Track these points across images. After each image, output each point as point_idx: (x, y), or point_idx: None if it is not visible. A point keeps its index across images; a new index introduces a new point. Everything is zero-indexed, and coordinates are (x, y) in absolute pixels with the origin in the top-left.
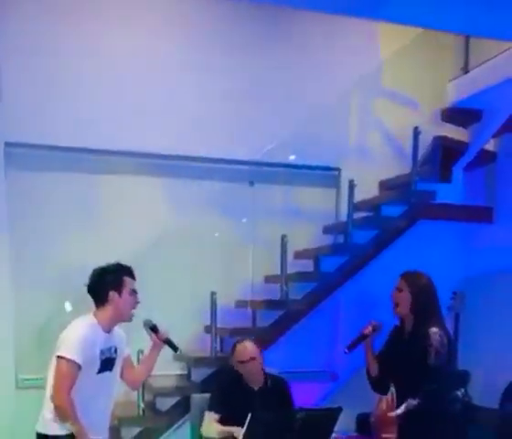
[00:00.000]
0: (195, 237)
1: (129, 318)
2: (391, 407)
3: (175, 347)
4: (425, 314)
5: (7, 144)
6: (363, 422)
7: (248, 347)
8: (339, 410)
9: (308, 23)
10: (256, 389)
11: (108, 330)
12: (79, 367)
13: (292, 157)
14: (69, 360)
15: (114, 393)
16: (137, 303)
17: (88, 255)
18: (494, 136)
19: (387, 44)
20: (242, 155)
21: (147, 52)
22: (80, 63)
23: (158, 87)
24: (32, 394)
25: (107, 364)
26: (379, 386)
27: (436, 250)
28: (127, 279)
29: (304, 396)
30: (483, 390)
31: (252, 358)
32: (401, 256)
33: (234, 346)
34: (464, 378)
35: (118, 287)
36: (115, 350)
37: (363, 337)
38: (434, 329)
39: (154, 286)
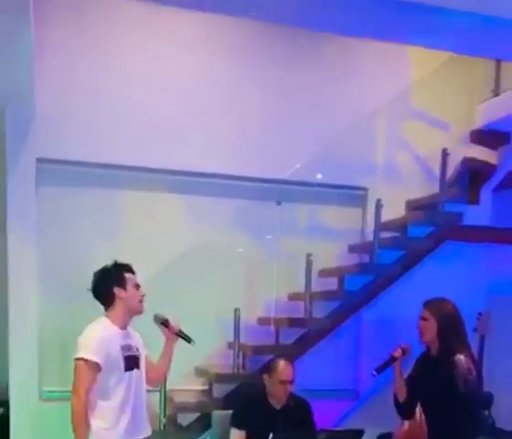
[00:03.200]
0: (220, 254)
1: (140, 310)
2: (417, 425)
3: (188, 339)
4: (451, 340)
5: (39, 160)
6: None
7: (291, 370)
8: (361, 432)
9: (338, 42)
10: (278, 408)
11: (123, 327)
12: (97, 366)
13: (319, 176)
14: (85, 360)
15: (145, 392)
16: (143, 295)
17: None
18: None
19: (418, 65)
20: (270, 173)
21: (174, 68)
22: (108, 80)
23: (184, 103)
24: (55, 406)
25: (132, 362)
26: (406, 411)
27: (462, 270)
28: (128, 274)
29: (325, 414)
30: (507, 414)
31: (292, 381)
32: (427, 277)
33: (274, 363)
34: (487, 400)
35: (122, 284)
36: (137, 349)
37: (392, 360)
38: (460, 357)
39: (178, 302)
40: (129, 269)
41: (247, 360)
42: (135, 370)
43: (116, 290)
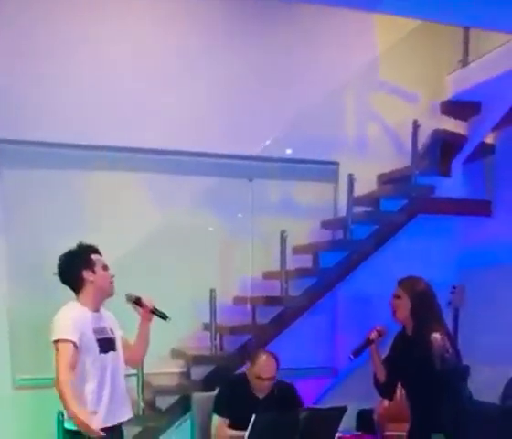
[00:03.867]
0: (192, 233)
1: (111, 292)
2: (397, 402)
3: (163, 316)
4: (425, 318)
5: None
6: (364, 419)
7: (272, 368)
8: (344, 409)
9: (305, 17)
10: (261, 397)
11: (94, 310)
12: (74, 344)
13: (288, 151)
14: (62, 340)
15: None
16: (112, 276)
17: None
18: (493, 129)
19: (384, 37)
20: (240, 149)
21: (140, 44)
22: (71, 58)
23: (153, 81)
24: (29, 394)
25: (108, 344)
26: (387, 391)
27: (435, 244)
28: (95, 256)
29: (305, 392)
30: (483, 386)
31: (271, 378)
32: (401, 251)
33: (256, 355)
34: (465, 373)
35: (90, 266)
36: (111, 331)
37: (368, 343)
38: (436, 335)
39: (151, 284)
40: (95, 250)
41: (224, 341)
42: (111, 353)
43: (85, 273)
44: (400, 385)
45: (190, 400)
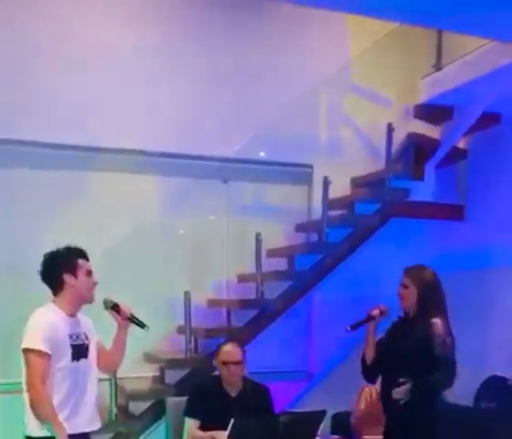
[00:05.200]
0: (166, 235)
1: (90, 299)
2: (373, 404)
3: (141, 324)
4: (429, 306)
5: None
6: (339, 423)
7: (234, 350)
8: (323, 413)
9: (279, 19)
10: (234, 395)
11: (71, 314)
12: (47, 354)
13: (261, 154)
14: (34, 351)
15: (96, 383)
16: (95, 283)
17: None
18: (465, 134)
19: (358, 40)
20: (215, 151)
21: (117, 44)
22: (52, 57)
23: (129, 82)
24: None
25: (80, 350)
26: (371, 374)
27: (409, 247)
28: (80, 260)
29: (280, 396)
30: (456, 389)
31: (237, 363)
32: (375, 254)
33: (219, 346)
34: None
35: (73, 270)
36: (86, 337)
37: (369, 319)
38: (437, 320)
39: (124, 285)
40: (82, 254)
41: (199, 344)
42: (82, 360)
43: (66, 276)
44: (376, 387)
45: (164, 404)
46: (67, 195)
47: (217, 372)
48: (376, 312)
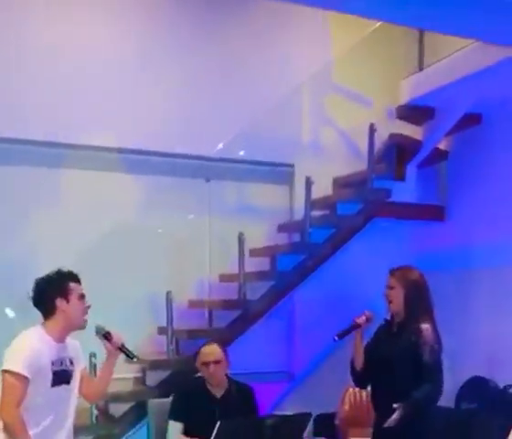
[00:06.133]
0: (146, 234)
1: (82, 325)
2: (358, 406)
3: (131, 355)
4: (417, 309)
5: None
6: (322, 425)
7: (213, 350)
8: (309, 415)
9: (261, 17)
10: (218, 396)
11: (60, 340)
12: (26, 379)
13: (241, 153)
14: (13, 373)
15: (74, 410)
16: (88, 307)
17: (32, 257)
18: (446, 135)
19: (339, 40)
20: (196, 150)
21: (96, 43)
22: (34, 56)
23: (110, 79)
24: None
25: (62, 377)
26: (363, 380)
27: (391, 247)
28: (73, 284)
29: (262, 397)
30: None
31: (217, 362)
32: (357, 255)
33: (199, 348)
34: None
35: (65, 294)
36: (71, 362)
37: (355, 326)
38: (425, 325)
39: (103, 286)
40: (74, 278)
41: (180, 345)
42: (64, 386)
43: (58, 301)
44: (367, 391)
45: (146, 406)
46: (44, 193)
47: (200, 374)
48: (362, 319)
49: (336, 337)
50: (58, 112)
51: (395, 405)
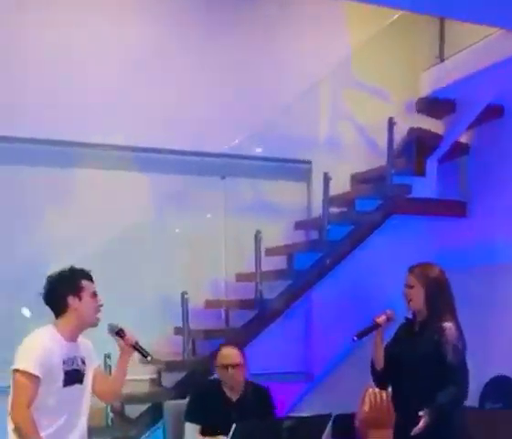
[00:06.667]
0: (162, 233)
1: (95, 323)
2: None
3: (145, 353)
4: (439, 307)
5: None
6: (340, 426)
7: (233, 353)
8: (329, 416)
9: (277, 13)
10: (234, 399)
11: (71, 339)
12: (37, 379)
13: (258, 150)
14: (25, 373)
15: (88, 409)
16: (100, 306)
17: (46, 256)
18: (468, 128)
19: (357, 32)
20: (212, 147)
21: (109, 41)
22: (40, 53)
23: (124, 77)
24: None
25: (75, 376)
26: (382, 380)
27: (411, 244)
28: (85, 282)
29: (280, 398)
30: None
31: (236, 365)
32: (376, 252)
33: (218, 349)
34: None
35: (77, 292)
36: (83, 361)
37: (375, 326)
38: (448, 324)
39: (118, 287)
40: (86, 275)
41: (197, 346)
42: (76, 385)
43: (70, 299)
44: (387, 393)
45: (162, 408)
46: (58, 192)
47: (215, 375)
48: (382, 318)
49: (356, 338)
50: (71, 111)
51: (421, 413)
